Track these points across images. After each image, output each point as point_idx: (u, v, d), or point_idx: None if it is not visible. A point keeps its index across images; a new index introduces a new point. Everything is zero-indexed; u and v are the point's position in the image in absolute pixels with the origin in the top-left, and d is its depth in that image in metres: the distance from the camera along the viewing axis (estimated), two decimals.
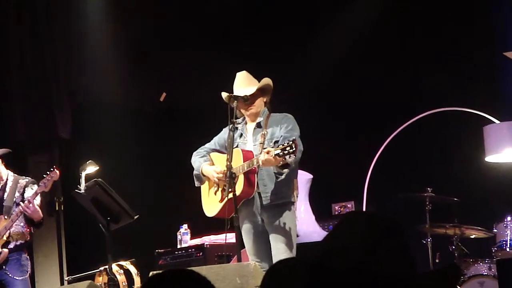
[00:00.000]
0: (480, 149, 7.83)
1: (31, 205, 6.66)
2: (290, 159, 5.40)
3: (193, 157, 6.14)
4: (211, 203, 5.99)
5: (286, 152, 5.35)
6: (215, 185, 6.01)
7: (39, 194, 6.84)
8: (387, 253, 1.83)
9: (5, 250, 6.73)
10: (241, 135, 6.00)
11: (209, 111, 8.03)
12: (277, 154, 5.38)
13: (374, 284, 1.80)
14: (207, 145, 6.16)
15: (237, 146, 5.94)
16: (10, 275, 6.74)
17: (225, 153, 5.91)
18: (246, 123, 6.03)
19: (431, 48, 8.90)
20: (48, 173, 6.73)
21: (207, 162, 6.04)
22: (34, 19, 9.23)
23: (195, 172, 6.09)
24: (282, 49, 9.36)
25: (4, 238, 6.73)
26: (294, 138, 5.45)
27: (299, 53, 9.46)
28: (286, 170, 5.60)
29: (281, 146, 5.41)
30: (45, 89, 9.20)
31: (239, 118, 6.03)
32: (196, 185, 6.12)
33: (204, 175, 6.04)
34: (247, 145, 5.93)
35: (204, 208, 6.09)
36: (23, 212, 6.70)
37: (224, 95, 5.91)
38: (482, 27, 8.71)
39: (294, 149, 5.33)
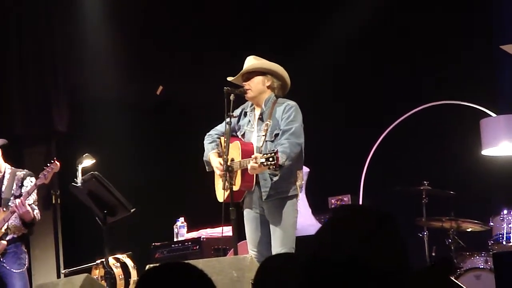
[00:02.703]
0: (477, 142, 7.83)
1: (23, 206, 6.64)
2: (272, 168, 5.43)
3: (204, 140, 6.14)
4: (220, 189, 5.99)
5: (269, 162, 5.39)
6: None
7: (36, 190, 6.82)
8: (381, 246, 1.83)
9: (3, 242, 6.72)
10: (248, 122, 5.99)
11: (207, 105, 8.02)
12: (262, 163, 5.43)
13: (368, 278, 1.80)
14: (218, 127, 6.15)
15: (244, 134, 5.96)
16: (7, 268, 6.74)
17: (236, 137, 5.94)
18: (254, 109, 6.01)
19: (429, 41, 8.90)
20: (49, 164, 6.72)
21: (214, 150, 6.03)
22: (33, 15, 9.22)
23: (204, 157, 6.11)
24: (282, 43, 9.35)
25: (2, 230, 6.73)
26: (277, 149, 5.47)
27: (299, 47, 9.45)
28: (278, 172, 5.61)
29: (265, 155, 5.44)
30: (43, 82, 9.19)
31: (249, 102, 6.02)
32: (207, 170, 6.12)
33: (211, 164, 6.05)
34: (253, 134, 5.94)
35: (216, 192, 6.09)
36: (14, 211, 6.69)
37: (225, 89, 5.88)
38: (480, 20, 8.71)
39: (275, 161, 5.37)
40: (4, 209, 6.76)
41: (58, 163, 6.74)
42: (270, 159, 5.39)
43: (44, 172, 6.70)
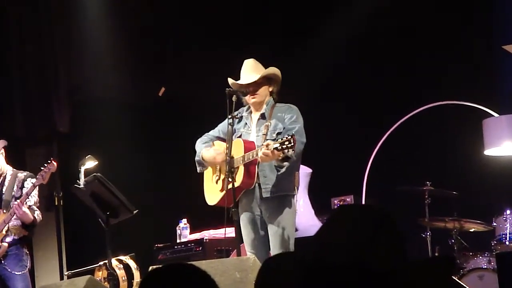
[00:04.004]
0: (479, 142, 7.82)
1: (21, 208, 6.64)
2: (288, 153, 5.39)
3: (196, 144, 6.12)
4: (212, 191, 5.98)
5: (285, 146, 5.33)
6: (217, 173, 5.99)
7: (37, 191, 6.83)
8: (382, 246, 1.83)
9: (5, 244, 6.72)
10: (245, 124, 5.98)
11: (208, 105, 8.03)
12: (276, 148, 5.37)
13: (369, 278, 1.80)
14: (211, 132, 6.13)
15: (240, 136, 5.94)
16: (9, 270, 6.73)
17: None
18: (251, 113, 6.01)
19: (430, 41, 8.89)
20: (46, 165, 6.72)
21: (205, 145, 6.02)
22: (34, 15, 9.22)
23: (196, 157, 6.08)
24: (283, 43, 9.36)
25: (3, 232, 6.72)
26: (293, 133, 5.44)
27: (299, 47, 9.46)
28: (286, 164, 5.58)
29: (280, 140, 5.39)
30: (44, 83, 9.19)
31: (244, 107, 6.02)
32: (198, 171, 6.10)
33: (205, 160, 6.02)
34: (250, 135, 5.92)
35: (205, 195, 6.07)
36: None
37: (227, 90, 5.87)
38: (482, 20, 8.70)
39: (292, 144, 5.31)
40: (5, 210, 6.75)
41: (55, 163, 6.73)
42: (286, 142, 5.32)
43: (42, 173, 6.70)
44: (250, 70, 5.97)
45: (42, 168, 6.72)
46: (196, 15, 9.63)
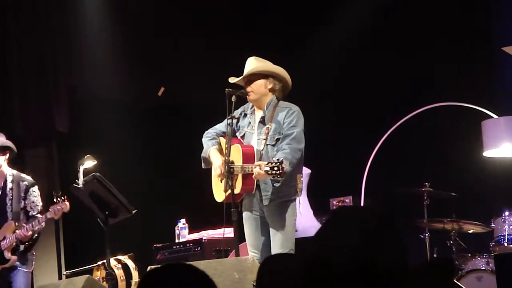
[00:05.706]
0: (478, 144, 7.82)
1: (26, 237, 6.71)
2: (277, 178, 5.42)
3: (203, 138, 6.11)
4: (218, 189, 5.98)
5: (274, 172, 5.37)
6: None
7: (39, 195, 6.88)
8: (381, 247, 1.83)
9: (14, 257, 6.77)
10: (249, 123, 5.98)
11: (208, 105, 8.03)
12: (266, 171, 5.41)
13: (369, 279, 1.80)
14: (217, 126, 6.13)
15: (244, 135, 5.94)
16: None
17: (235, 137, 5.92)
18: (255, 110, 6.00)
19: (430, 43, 8.90)
20: (59, 200, 6.69)
21: (215, 146, 6.00)
22: (32, 14, 9.22)
23: (202, 154, 6.07)
24: (282, 43, 9.35)
25: (14, 244, 6.76)
26: (282, 159, 5.45)
27: (300, 48, 9.46)
28: (281, 179, 5.58)
29: (270, 164, 5.42)
30: (43, 83, 9.19)
31: (250, 103, 6.01)
32: (203, 167, 6.09)
33: (210, 162, 6.01)
34: (253, 136, 5.92)
35: (213, 192, 6.07)
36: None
37: (226, 90, 5.87)
38: (481, 21, 8.71)
39: (280, 171, 5.35)
40: (17, 223, 6.76)
41: (67, 203, 6.72)
42: (275, 168, 5.37)
43: (55, 208, 6.68)
44: (248, 67, 5.97)
45: (55, 201, 6.70)
46: (196, 15, 9.62)
